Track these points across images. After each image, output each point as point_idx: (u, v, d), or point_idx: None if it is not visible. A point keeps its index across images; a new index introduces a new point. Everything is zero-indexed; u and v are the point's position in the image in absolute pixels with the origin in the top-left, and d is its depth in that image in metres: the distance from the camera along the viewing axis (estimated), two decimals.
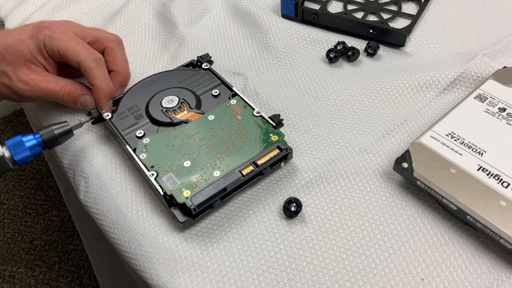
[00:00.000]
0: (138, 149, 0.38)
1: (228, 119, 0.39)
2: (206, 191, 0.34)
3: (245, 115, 0.39)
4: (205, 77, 0.44)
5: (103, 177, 0.40)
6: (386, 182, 0.37)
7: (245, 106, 0.40)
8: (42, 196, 1.23)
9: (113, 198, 0.38)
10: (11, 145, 0.36)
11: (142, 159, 0.37)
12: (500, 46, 0.46)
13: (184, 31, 0.52)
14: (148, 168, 0.36)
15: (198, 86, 0.43)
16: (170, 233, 0.35)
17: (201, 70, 0.45)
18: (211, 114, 0.40)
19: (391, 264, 0.32)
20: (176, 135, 0.38)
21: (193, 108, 0.41)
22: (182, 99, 0.42)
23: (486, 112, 0.37)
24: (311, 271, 0.32)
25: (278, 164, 0.38)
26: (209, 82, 0.44)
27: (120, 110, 0.42)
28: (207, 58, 0.46)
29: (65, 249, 1.11)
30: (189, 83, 0.44)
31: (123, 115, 0.41)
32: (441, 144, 0.35)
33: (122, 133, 0.40)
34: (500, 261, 0.31)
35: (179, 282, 0.32)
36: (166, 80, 0.44)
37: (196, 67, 0.46)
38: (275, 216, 0.36)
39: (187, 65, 0.46)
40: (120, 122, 0.41)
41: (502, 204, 0.31)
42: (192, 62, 0.47)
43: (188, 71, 0.45)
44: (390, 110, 0.42)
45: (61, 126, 0.39)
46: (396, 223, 0.34)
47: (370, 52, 0.48)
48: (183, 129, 0.39)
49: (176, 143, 0.38)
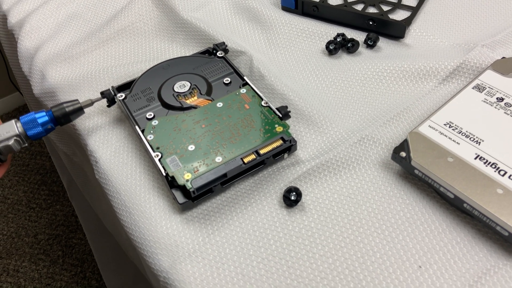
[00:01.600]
0: (146, 130, 0.39)
1: (236, 107, 0.40)
2: (207, 175, 0.35)
3: (253, 105, 0.40)
4: (219, 65, 0.45)
5: (116, 159, 0.41)
6: (385, 171, 0.37)
7: (254, 95, 0.41)
8: (45, 191, 1.24)
9: (123, 180, 0.39)
10: (25, 121, 0.39)
11: (149, 140, 0.38)
12: (499, 37, 0.46)
13: (187, 18, 0.52)
14: (154, 149, 0.37)
15: (211, 73, 0.44)
16: (173, 217, 0.36)
17: (216, 58, 0.46)
18: (220, 102, 0.40)
19: (389, 252, 0.32)
20: (184, 119, 0.39)
21: (203, 95, 0.42)
22: (194, 85, 0.43)
23: (484, 102, 0.38)
24: (310, 259, 0.33)
25: (281, 155, 0.38)
26: (222, 70, 0.45)
27: (134, 92, 0.43)
28: (223, 46, 0.47)
29: (69, 243, 1.12)
30: (202, 69, 0.45)
31: (136, 97, 0.43)
32: (439, 133, 0.36)
33: (133, 114, 0.41)
34: (497, 248, 0.32)
35: (181, 267, 0.33)
36: (181, 65, 0.45)
37: (212, 55, 0.47)
38: (275, 204, 0.36)
39: (203, 52, 0.47)
40: (132, 103, 0.42)
41: (499, 192, 0.31)
42: (208, 49, 0.47)
43: (203, 58, 0.46)
44: (390, 100, 0.43)
45: (72, 104, 0.41)
46: (394, 212, 0.34)
47: (369, 43, 0.48)
48: (191, 114, 0.40)
49: (183, 127, 0.39)
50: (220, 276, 0.32)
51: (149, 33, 0.54)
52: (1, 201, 1.23)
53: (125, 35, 0.54)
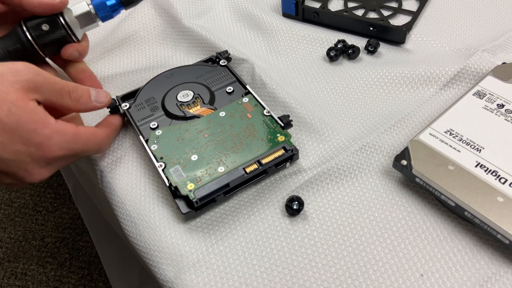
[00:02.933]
0: (150, 140, 0.39)
1: (239, 116, 0.40)
2: (209, 185, 0.35)
3: (255, 114, 0.40)
4: (222, 74, 0.46)
5: (120, 169, 0.41)
6: (386, 179, 0.37)
7: (256, 104, 0.41)
8: (52, 194, 1.25)
9: (128, 190, 0.39)
10: (95, 4, 0.44)
11: (153, 150, 0.38)
12: (500, 41, 0.46)
13: (190, 26, 0.53)
14: (157, 159, 0.38)
15: (214, 82, 0.45)
16: (177, 227, 0.36)
17: (219, 67, 0.46)
18: (223, 111, 0.41)
19: (391, 260, 0.33)
20: (187, 128, 0.40)
21: (206, 104, 0.42)
22: (197, 94, 0.43)
23: (485, 108, 0.38)
24: (313, 268, 0.33)
25: (283, 164, 0.39)
26: (225, 78, 0.45)
27: (138, 101, 0.43)
28: (226, 55, 0.47)
29: (76, 246, 1.13)
30: (205, 78, 0.45)
31: (140, 106, 0.43)
32: (440, 141, 0.36)
33: (137, 124, 0.41)
34: (498, 256, 0.32)
35: (185, 277, 0.33)
36: (184, 74, 0.46)
37: (215, 63, 0.47)
38: (278, 214, 0.36)
39: (206, 60, 0.48)
40: (136, 113, 0.42)
41: (500, 200, 0.32)
42: (211, 57, 0.48)
43: (206, 66, 0.47)
44: (391, 107, 0.43)
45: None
46: (396, 220, 0.35)
47: (370, 49, 0.48)
48: (194, 124, 0.40)
49: (186, 137, 0.39)
50: (224, 285, 0.33)
51: (153, 41, 0.54)
52: (8, 205, 1.24)
53: (129, 44, 0.54)
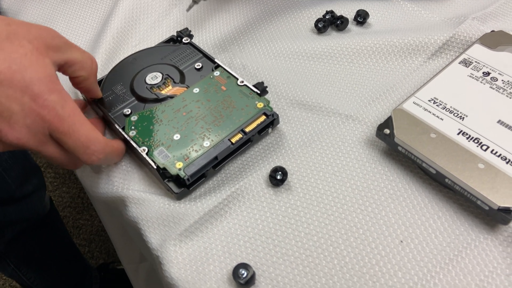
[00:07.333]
0: (127, 127, 0.39)
1: (213, 90, 0.40)
2: (198, 161, 0.35)
3: (230, 86, 0.40)
4: (187, 51, 0.45)
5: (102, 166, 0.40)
6: (370, 149, 0.37)
7: (229, 76, 0.41)
8: (52, 174, 1.26)
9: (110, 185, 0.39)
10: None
11: (131, 136, 0.38)
12: (490, 9, 0.46)
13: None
14: (139, 144, 0.37)
15: (181, 60, 0.44)
16: (167, 202, 0.37)
17: (182, 45, 0.46)
18: (196, 87, 0.40)
19: (372, 228, 0.33)
20: (163, 110, 0.39)
21: (177, 83, 0.42)
22: (166, 75, 0.42)
23: (470, 76, 0.38)
24: (296, 237, 0.33)
25: (265, 130, 0.39)
26: (191, 56, 0.44)
27: (105, 91, 0.42)
28: (187, 32, 0.46)
29: (76, 224, 1.15)
30: (171, 58, 0.44)
31: (107, 95, 0.42)
32: (423, 109, 0.36)
33: (109, 113, 0.40)
34: (478, 222, 0.32)
35: (169, 247, 0.33)
36: (148, 57, 0.45)
37: (177, 42, 0.46)
38: (262, 184, 0.37)
39: (167, 41, 0.47)
40: (106, 102, 0.41)
41: (480, 166, 0.32)
42: (172, 37, 0.47)
43: (169, 46, 0.46)
44: (378, 77, 0.43)
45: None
46: (378, 189, 0.35)
47: (359, 20, 0.47)
48: (170, 104, 0.40)
49: (164, 118, 0.39)
50: (208, 255, 0.33)
51: None
52: None
53: None
